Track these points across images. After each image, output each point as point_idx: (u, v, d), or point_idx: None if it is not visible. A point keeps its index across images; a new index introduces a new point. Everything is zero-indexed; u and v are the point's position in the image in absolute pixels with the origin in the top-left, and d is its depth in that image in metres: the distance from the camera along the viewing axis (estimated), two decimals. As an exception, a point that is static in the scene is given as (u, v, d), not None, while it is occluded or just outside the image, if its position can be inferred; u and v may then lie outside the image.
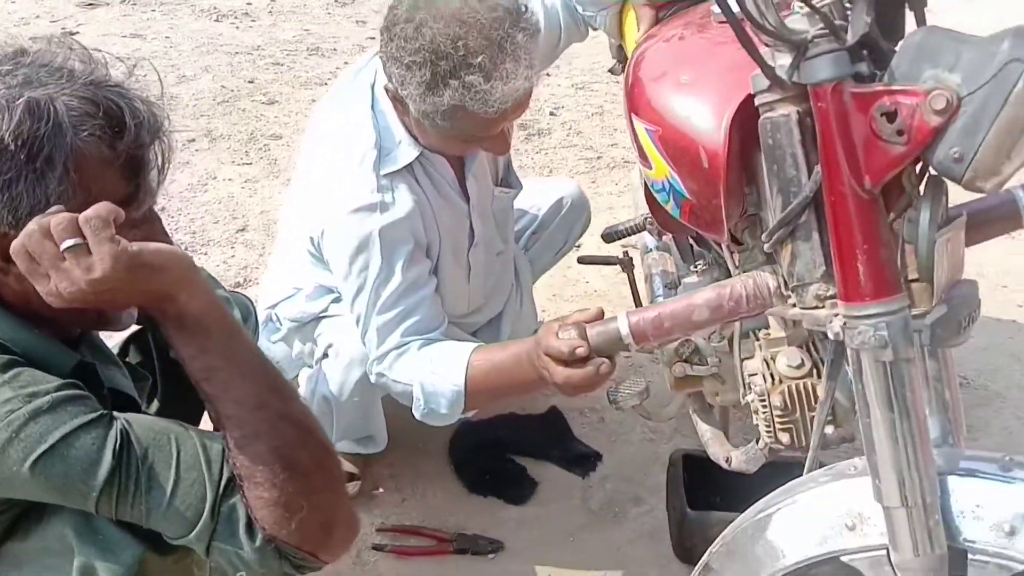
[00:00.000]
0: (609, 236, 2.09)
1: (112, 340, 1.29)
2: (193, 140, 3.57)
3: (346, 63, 4.41)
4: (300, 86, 4.15)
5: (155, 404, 1.34)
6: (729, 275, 1.50)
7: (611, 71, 2.03)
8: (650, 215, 1.99)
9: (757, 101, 1.04)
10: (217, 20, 5.00)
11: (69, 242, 0.90)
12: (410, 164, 1.57)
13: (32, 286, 0.95)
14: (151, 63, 1.18)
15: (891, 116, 0.89)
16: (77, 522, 0.99)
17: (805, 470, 1.17)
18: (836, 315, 0.99)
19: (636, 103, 1.26)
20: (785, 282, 1.11)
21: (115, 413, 0.99)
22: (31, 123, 0.93)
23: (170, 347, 1.24)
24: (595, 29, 1.81)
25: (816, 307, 1.05)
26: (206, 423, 1.26)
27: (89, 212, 0.92)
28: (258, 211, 3.13)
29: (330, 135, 1.62)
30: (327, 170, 1.59)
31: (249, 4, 5.25)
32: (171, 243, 1.10)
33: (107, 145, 0.97)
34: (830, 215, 0.96)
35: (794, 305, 1.09)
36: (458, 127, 1.47)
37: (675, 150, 1.18)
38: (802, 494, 1.09)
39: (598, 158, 3.50)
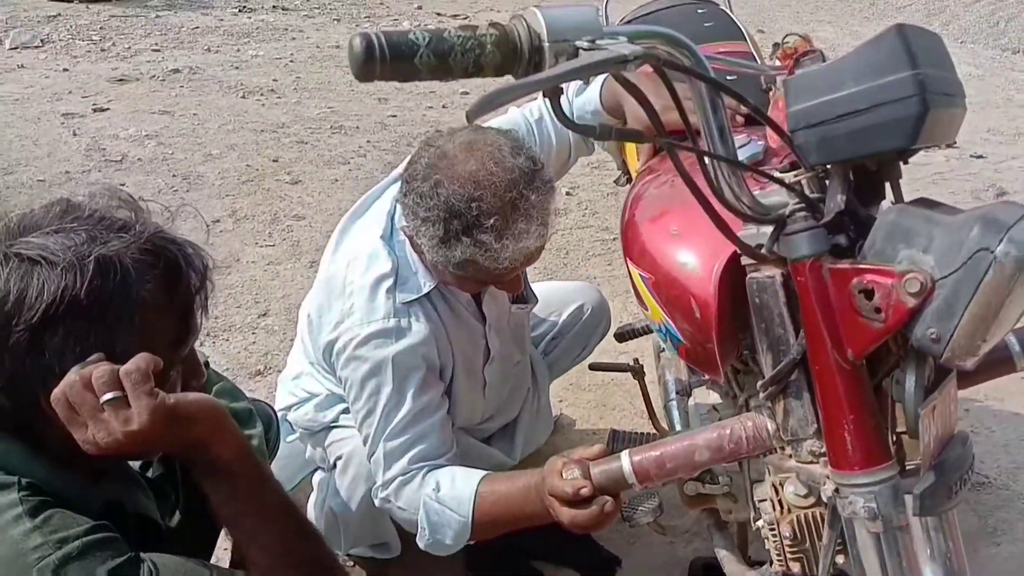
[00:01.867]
0: (622, 336, 2.11)
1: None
2: (218, 221, 3.65)
3: (368, 141, 4.51)
4: (324, 165, 4.24)
5: (176, 517, 1.37)
6: (734, 392, 1.51)
7: (616, 182, 2.06)
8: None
9: (743, 260, 1.06)
10: (244, 97, 5.14)
11: (108, 395, 0.95)
12: (427, 292, 1.61)
13: None
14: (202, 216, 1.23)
15: (868, 294, 0.90)
16: None
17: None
18: (828, 477, 1.00)
19: (631, 248, 1.29)
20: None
21: (142, 555, 1.01)
22: (102, 280, 0.98)
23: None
24: (597, 146, 1.84)
25: (811, 462, 1.06)
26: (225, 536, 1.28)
27: (129, 365, 0.96)
28: (280, 295, 3.18)
29: (350, 256, 1.65)
30: (345, 290, 1.62)
31: (275, 81, 5.39)
32: (203, 372, 1.16)
33: (164, 294, 1.03)
34: (816, 384, 0.97)
35: (791, 456, 1.10)
36: (470, 275, 1.51)
37: (668, 298, 1.21)
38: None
39: (614, 239, 3.50)
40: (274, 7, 7.21)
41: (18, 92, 5.06)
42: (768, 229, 0.99)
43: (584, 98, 1.77)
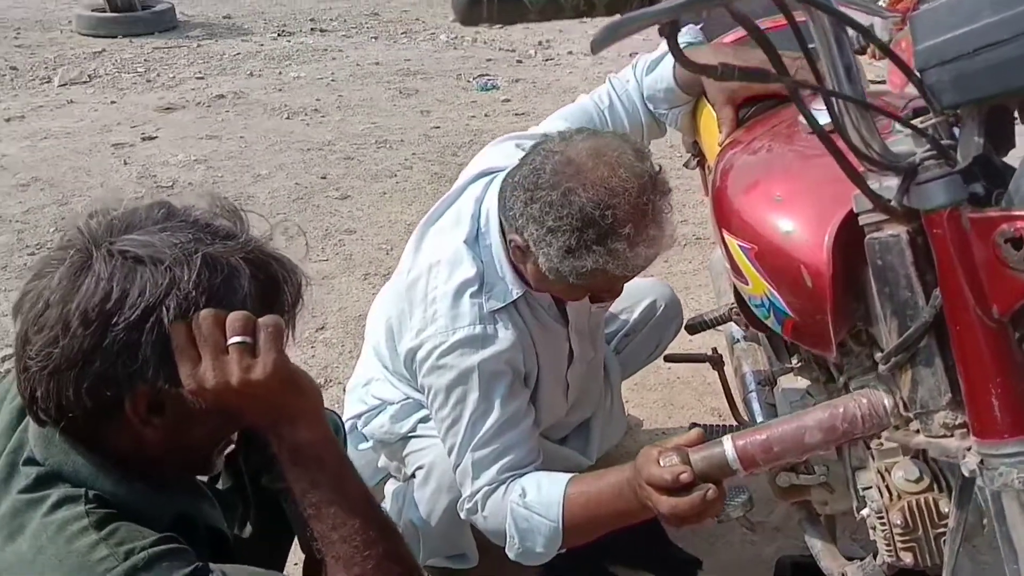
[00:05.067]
0: (693, 328, 2.03)
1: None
2: (271, 239, 3.63)
3: (413, 153, 4.48)
4: (371, 179, 4.22)
5: (248, 528, 1.34)
6: (830, 376, 1.44)
7: (686, 165, 2.00)
8: (736, 307, 1.93)
9: (862, 220, 0.99)
10: (288, 118, 5.15)
11: (238, 339, 0.93)
12: (513, 301, 1.55)
13: (150, 434, 0.98)
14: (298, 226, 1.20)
15: (1017, 243, 0.83)
16: None
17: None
18: (969, 449, 0.92)
19: (727, 219, 1.22)
20: (905, 403, 1.04)
21: (211, 565, 0.98)
22: (209, 276, 0.95)
23: (267, 474, 1.24)
24: (669, 127, 1.78)
25: (944, 435, 0.98)
26: (295, 551, 1.24)
27: (268, 319, 0.95)
28: (336, 308, 3.15)
29: (431, 260, 1.59)
30: (427, 296, 1.56)
31: (318, 100, 5.40)
32: None
33: (261, 306, 0.99)
34: (956, 346, 0.90)
35: (917, 431, 1.02)
36: (588, 284, 1.45)
37: (774, 269, 1.13)
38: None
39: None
40: (312, 29, 7.23)
41: (70, 126, 5.13)
42: (891, 182, 0.92)
43: (656, 76, 1.71)
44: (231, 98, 5.48)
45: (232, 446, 1.24)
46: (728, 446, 1.19)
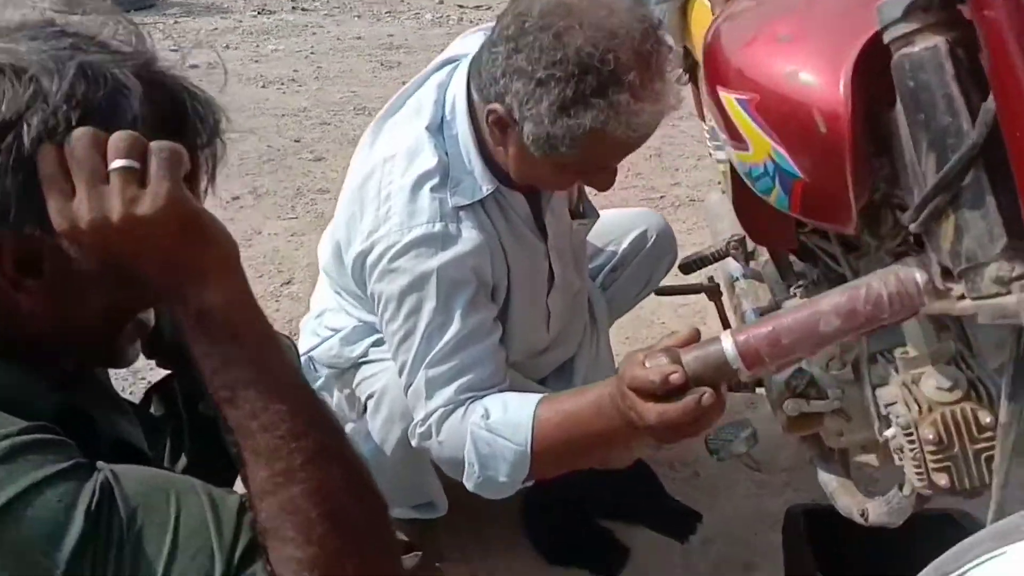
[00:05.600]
0: (688, 266, 1.86)
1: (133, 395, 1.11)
2: (237, 198, 3.46)
3: (393, 118, 4.33)
4: (348, 143, 4.05)
5: (182, 461, 1.14)
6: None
7: (677, 81, 1.80)
8: (735, 238, 1.75)
9: (888, 36, 0.81)
10: (263, 87, 4.99)
11: (123, 162, 0.72)
12: (481, 199, 1.35)
13: (26, 303, 0.78)
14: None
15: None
16: None
17: (989, 519, 0.89)
18: (1033, 302, 0.73)
19: (721, 73, 1.04)
20: (945, 269, 0.85)
21: (99, 464, 0.77)
22: (86, 88, 0.74)
23: (204, 399, 1.02)
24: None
25: (998, 294, 0.79)
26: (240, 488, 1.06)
27: (162, 143, 0.73)
28: (304, 264, 2.99)
29: (386, 154, 1.38)
30: (380, 193, 1.35)
31: (295, 71, 5.24)
32: None
33: (164, 138, 0.77)
34: (1016, 161, 0.71)
35: (962, 296, 0.83)
36: (584, 155, 1.24)
37: (779, 117, 0.94)
38: (996, 557, 0.80)
39: (661, 198, 3.34)
40: (293, 8, 7.04)
41: (35, 95, 4.98)
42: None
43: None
44: (204, 68, 5.22)
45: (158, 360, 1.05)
46: (727, 342, 1.00)
